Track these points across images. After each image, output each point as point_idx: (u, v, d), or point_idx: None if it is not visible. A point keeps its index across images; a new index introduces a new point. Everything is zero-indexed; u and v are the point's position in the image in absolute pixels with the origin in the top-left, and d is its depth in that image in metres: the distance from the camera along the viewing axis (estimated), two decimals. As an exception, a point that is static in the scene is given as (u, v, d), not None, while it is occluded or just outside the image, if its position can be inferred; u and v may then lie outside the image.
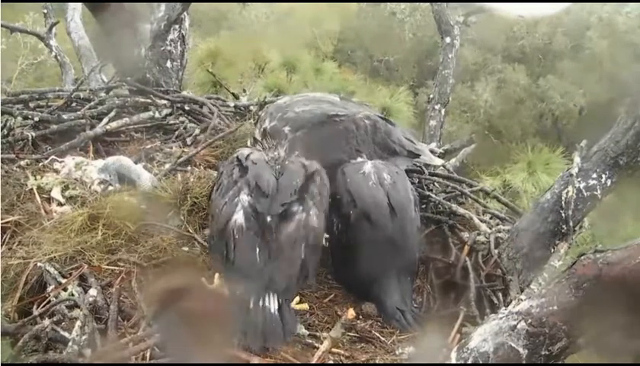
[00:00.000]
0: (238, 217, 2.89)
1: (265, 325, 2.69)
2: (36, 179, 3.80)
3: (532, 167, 7.26)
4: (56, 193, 3.74)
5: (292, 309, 2.86)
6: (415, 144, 4.02)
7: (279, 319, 2.72)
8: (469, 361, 2.39)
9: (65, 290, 3.00)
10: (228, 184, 3.06)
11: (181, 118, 5.11)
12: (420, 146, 4.11)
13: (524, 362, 2.32)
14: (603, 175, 3.34)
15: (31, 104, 4.90)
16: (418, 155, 4.01)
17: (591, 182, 3.36)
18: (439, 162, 4.30)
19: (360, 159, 3.69)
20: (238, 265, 2.85)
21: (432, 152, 4.20)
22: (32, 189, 3.74)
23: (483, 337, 2.40)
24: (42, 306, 2.93)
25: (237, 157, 3.21)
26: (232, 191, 2.99)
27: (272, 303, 2.74)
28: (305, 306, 3.17)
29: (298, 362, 2.75)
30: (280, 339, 2.70)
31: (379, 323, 3.23)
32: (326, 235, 3.21)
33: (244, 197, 2.94)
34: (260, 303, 2.72)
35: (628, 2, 15.57)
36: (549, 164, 7.35)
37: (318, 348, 2.82)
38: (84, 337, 2.70)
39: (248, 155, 3.19)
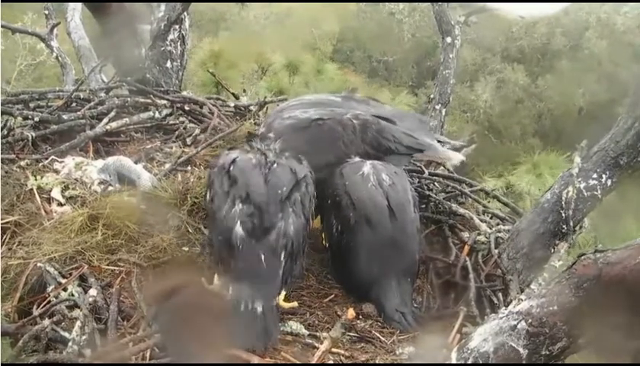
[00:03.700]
0: (239, 229, 2.97)
1: (250, 327, 2.75)
2: (36, 179, 3.79)
3: (537, 169, 7.26)
4: (55, 193, 3.73)
5: (276, 314, 2.90)
6: (417, 139, 3.86)
7: (262, 322, 2.78)
8: (469, 361, 2.39)
9: (65, 290, 3.00)
10: (222, 195, 3.12)
11: (181, 118, 5.11)
12: (425, 140, 3.91)
13: (524, 362, 2.31)
14: (604, 175, 3.34)
15: (31, 105, 4.88)
16: (421, 151, 3.89)
17: (591, 182, 3.36)
18: (455, 156, 4.07)
19: (357, 159, 3.65)
20: (243, 272, 2.93)
21: (454, 147, 4.07)
22: (32, 189, 3.73)
23: (483, 337, 2.39)
24: (42, 306, 2.92)
25: (223, 165, 3.22)
26: (227, 203, 3.06)
27: (258, 307, 2.80)
28: (295, 303, 3.17)
29: (298, 362, 2.75)
30: (261, 342, 2.75)
31: (379, 323, 3.22)
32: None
33: (239, 208, 3.02)
34: (250, 305, 2.79)
35: (626, 2, 15.57)
36: (553, 168, 7.36)
37: (317, 348, 2.81)
38: (84, 337, 2.70)
39: (234, 161, 3.20)
